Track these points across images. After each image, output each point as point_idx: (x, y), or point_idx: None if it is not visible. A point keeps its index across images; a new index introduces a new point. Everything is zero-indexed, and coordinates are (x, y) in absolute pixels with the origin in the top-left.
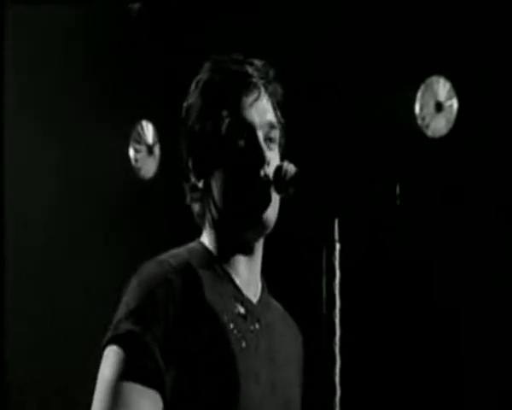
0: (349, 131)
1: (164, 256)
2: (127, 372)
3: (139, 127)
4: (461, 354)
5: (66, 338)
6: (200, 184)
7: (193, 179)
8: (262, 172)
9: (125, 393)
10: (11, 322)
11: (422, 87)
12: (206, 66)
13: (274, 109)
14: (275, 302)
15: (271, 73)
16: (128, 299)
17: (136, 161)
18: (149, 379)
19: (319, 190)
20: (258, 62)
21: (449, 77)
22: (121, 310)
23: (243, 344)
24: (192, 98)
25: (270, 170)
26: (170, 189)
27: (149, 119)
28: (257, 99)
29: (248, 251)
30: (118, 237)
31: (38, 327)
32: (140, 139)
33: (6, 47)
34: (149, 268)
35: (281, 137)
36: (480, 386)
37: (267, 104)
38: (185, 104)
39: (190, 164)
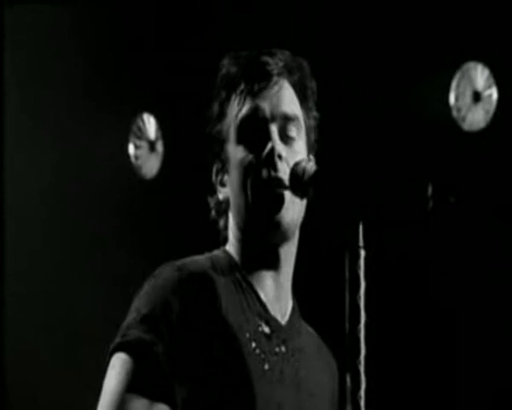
0: (375, 124)
1: (182, 261)
2: (135, 384)
3: (140, 121)
4: (495, 373)
5: (67, 342)
6: (221, 196)
7: (218, 192)
8: (273, 172)
9: (132, 406)
10: (11, 324)
11: (458, 74)
12: (223, 63)
13: (299, 100)
14: (308, 328)
15: (297, 62)
16: (140, 304)
17: (137, 158)
18: (158, 393)
19: (341, 190)
20: (279, 52)
21: (487, 63)
22: (131, 315)
23: (266, 366)
24: (212, 105)
25: (283, 167)
26: (174, 190)
27: (151, 111)
28: (266, 86)
29: (274, 261)
30: (116, 242)
31: (39, 330)
32: (141, 134)
33: (5, 44)
34: (165, 273)
35: (309, 134)
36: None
37: (285, 94)
38: (208, 114)
39: (213, 175)
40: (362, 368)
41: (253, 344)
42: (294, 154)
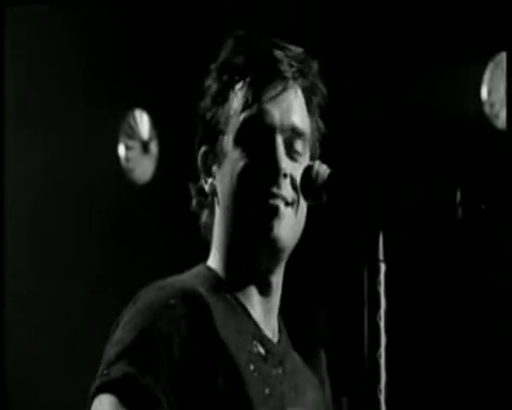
0: (399, 122)
1: (165, 281)
2: None
3: (131, 119)
4: None
5: (67, 342)
6: (207, 187)
7: (201, 180)
8: (276, 190)
9: None
10: (11, 324)
11: (490, 66)
12: (229, 43)
13: (307, 110)
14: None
15: (310, 64)
16: (120, 335)
17: (128, 160)
18: None
19: (359, 196)
20: (293, 48)
21: None
22: (111, 350)
23: (266, 391)
24: (208, 81)
25: (286, 185)
26: (169, 196)
27: (144, 107)
28: (281, 92)
29: (265, 276)
30: (106, 254)
31: (39, 330)
32: (132, 133)
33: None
34: (147, 295)
35: (314, 148)
36: None
37: (295, 101)
38: (201, 89)
39: (199, 159)
40: (383, 398)
41: (251, 367)
42: (298, 171)
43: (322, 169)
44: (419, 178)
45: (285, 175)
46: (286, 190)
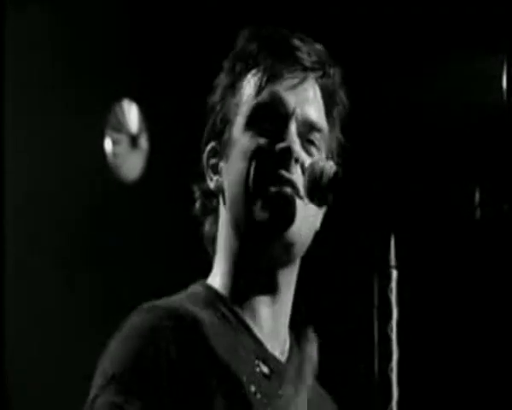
0: (413, 114)
1: (152, 303)
2: None
3: (118, 110)
4: None
5: (67, 342)
6: (212, 185)
7: (207, 180)
8: (286, 173)
9: None
10: (11, 324)
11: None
12: (243, 33)
13: (326, 112)
14: None
15: (330, 61)
16: (105, 365)
17: (115, 156)
18: None
19: (369, 196)
20: (312, 41)
21: None
22: (96, 381)
23: None
24: (220, 77)
25: (298, 172)
26: (160, 194)
27: (133, 97)
28: (299, 83)
29: (272, 286)
30: (91, 260)
31: (39, 331)
32: (120, 126)
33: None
34: (132, 319)
35: (330, 153)
36: None
37: (312, 95)
38: (213, 85)
39: (205, 156)
40: None
41: (253, 388)
42: None
43: (328, 166)
44: (434, 176)
45: (296, 160)
46: (297, 175)
